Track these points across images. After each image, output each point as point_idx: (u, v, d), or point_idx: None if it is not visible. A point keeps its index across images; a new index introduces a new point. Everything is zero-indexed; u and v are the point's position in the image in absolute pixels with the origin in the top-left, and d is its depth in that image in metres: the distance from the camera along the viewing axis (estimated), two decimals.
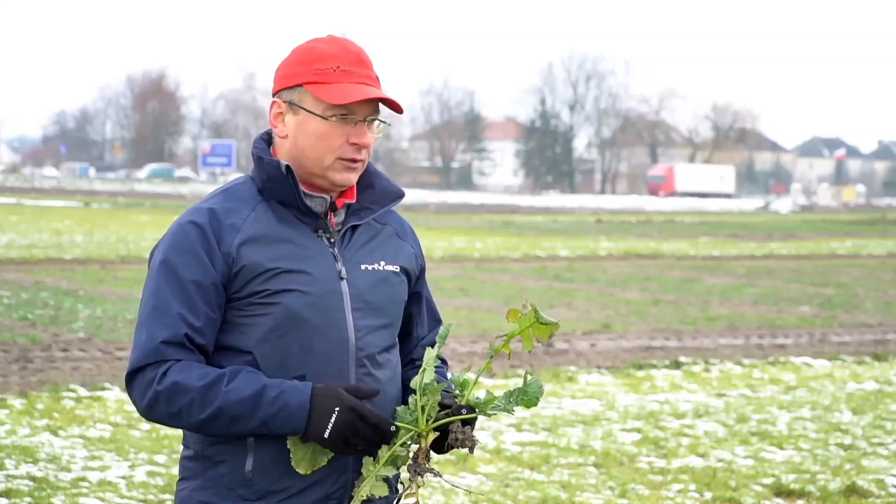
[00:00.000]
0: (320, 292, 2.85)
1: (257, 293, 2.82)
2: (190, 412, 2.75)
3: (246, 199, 2.89)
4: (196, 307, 2.80)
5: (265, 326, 2.82)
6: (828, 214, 67.92)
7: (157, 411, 2.78)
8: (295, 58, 2.91)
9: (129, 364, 2.81)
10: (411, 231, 3.09)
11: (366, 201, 2.96)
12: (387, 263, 2.96)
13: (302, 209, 2.88)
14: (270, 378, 2.78)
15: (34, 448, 8.36)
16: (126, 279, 20.07)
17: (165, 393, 2.75)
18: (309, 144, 2.87)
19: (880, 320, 17.83)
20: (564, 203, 76.87)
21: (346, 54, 2.88)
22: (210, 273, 2.81)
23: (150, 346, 2.78)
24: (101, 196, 63.67)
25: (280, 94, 2.91)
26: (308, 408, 2.73)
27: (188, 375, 2.75)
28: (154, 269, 2.85)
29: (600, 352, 14.02)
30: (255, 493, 2.83)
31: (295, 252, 2.85)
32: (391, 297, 2.96)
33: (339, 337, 2.86)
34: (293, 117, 2.89)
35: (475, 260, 27.28)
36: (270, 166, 2.87)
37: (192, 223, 2.84)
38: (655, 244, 34.85)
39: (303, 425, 2.74)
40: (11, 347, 12.56)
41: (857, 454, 9.09)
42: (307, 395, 2.74)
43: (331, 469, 2.84)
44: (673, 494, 7.80)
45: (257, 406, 2.73)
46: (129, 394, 2.82)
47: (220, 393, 2.73)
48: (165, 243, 2.85)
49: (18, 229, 32.49)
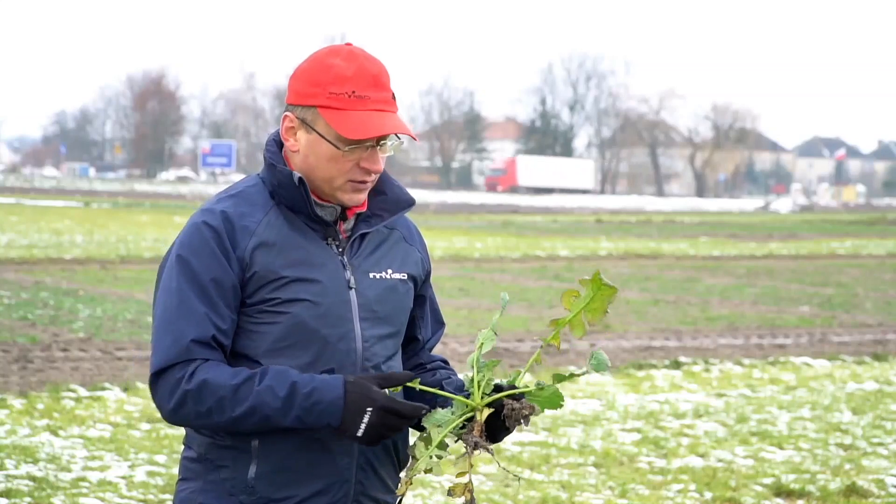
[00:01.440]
0: (329, 302, 2.83)
1: (268, 301, 2.81)
2: (221, 410, 2.72)
3: (259, 203, 2.86)
4: (219, 309, 2.78)
5: (273, 335, 2.81)
6: (828, 214, 67.91)
7: (185, 411, 2.75)
8: (310, 75, 2.84)
9: (155, 364, 2.76)
10: (418, 235, 3.07)
11: (376, 208, 2.94)
12: (394, 271, 2.95)
13: (313, 217, 2.87)
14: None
15: (34, 448, 8.36)
16: (126, 279, 20.06)
17: (195, 391, 2.72)
18: (320, 165, 2.84)
19: (880, 320, 17.83)
20: (564, 203, 76.86)
21: (363, 75, 2.82)
22: (230, 275, 2.79)
23: (179, 346, 2.75)
24: (101, 196, 63.66)
25: (293, 109, 2.86)
26: (342, 403, 2.72)
27: (218, 373, 2.73)
28: (172, 270, 2.81)
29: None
30: (257, 500, 2.82)
31: (306, 260, 2.84)
32: (398, 306, 2.95)
33: (348, 348, 2.85)
34: (305, 135, 2.85)
35: (475, 260, 27.27)
36: (283, 175, 2.85)
37: (207, 225, 2.81)
38: (655, 244, 34.85)
39: (338, 420, 2.72)
40: (11, 347, 12.56)
41: (857, 454, 9.09)
42: (340, 390, 2.72)
43: (334, 478, 2.84)
44: (673, 494, 7.80)
45: (290, 403, 2.71)
46: (154, 394, 2.78)
47: (253, 391, 2.72)
48: (182, 244, 2.82)
49: (18, 229, 32.48)
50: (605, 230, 43.63)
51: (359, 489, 2.87)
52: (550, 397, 2.81)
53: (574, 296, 2.82)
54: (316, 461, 2.82)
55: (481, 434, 2.77)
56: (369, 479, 2.88)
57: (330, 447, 2.82)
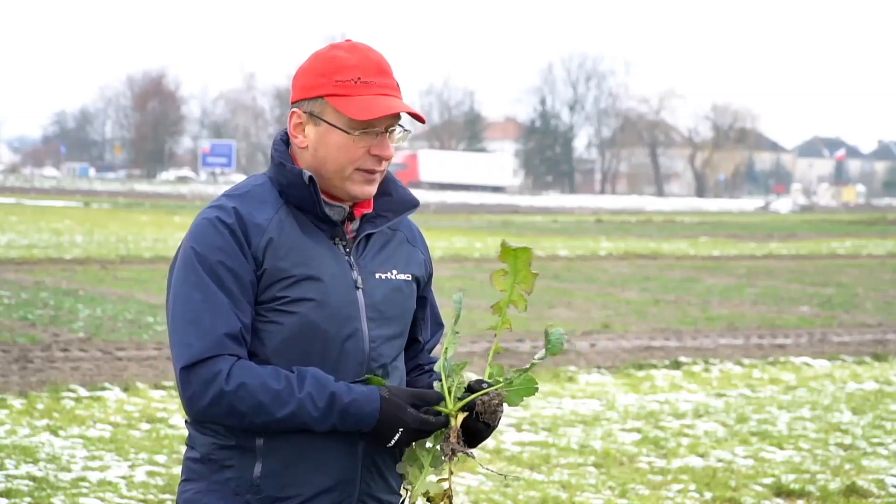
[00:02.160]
0: (337, 302, 2.84)
1: (277, 299, 2.81)
2: (257, 413, 2.74)
3: (269, 202, 2.86)
4: (241, 304, 2.79)
5: (282, 334, 2.81)
6: (828, 214, 67.92)
7: (219, 409, 2.74)
8: (315, 68, 2.87)
9: (185, 357, 2.74)
10: (421, 236, 3.09)
11: (381, 209, 2.95)
12: (399, 272, 2.97)
13: (321, 216, 2.88)
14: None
15: (34, 448, 8.36)
16: (126, 279, 20.06)
17: (233, 393, 2.72)
18: (330, 156, 2.85)
19: (880, 320, 17.83)
20: (564, 203, 76.87)
21: (367, 63, 2.85)
22: (247, 270, 2.80)
23: (210, 339, 2.73)
24: (101, 196, 63.67)
25: (300, 105, 2.87)
26: (377, 418, 2.78)
27: (255, 376, 2.74)
28: (189, 264, 2.79)
29: (600, 352, 14.02)
30: (263, 499, 2.82)
31: (314, 259, 2.84)
32: (403, 306, 2.97)
33: (355, 347, 2.86)
34: (314, 128, 2.86)
35: (475, 260, 27.29)
36: (293, 174, 2.85)
37: (221, 221, 2.80)
38: (655, 244, 34.85)
39: (370, 429, 2.79)
40: (11, 347, 12.56)
41: (857, 454, 9.09)
42: (377, 403, 2.78)
43: (339, 478, 2.84)
44: (673, 494, 7.80)
45: (329, 413, 2.76)
46: (186, 388, 2.75)
47: (294, 398, 2.74)
48: (197, 240, 2.80)
49: (18, 229, 32.48)
50: (605, 230, 43.65)
51: (364, 489, 2.88)
52: (525, 385, 2.84)
53: (501, 275, 2.86)
54: (321, 460, 2.82)
55: (458, 439, 2.80)
56: (374, 479, 2.89)
57: (335, 447, 2.82)
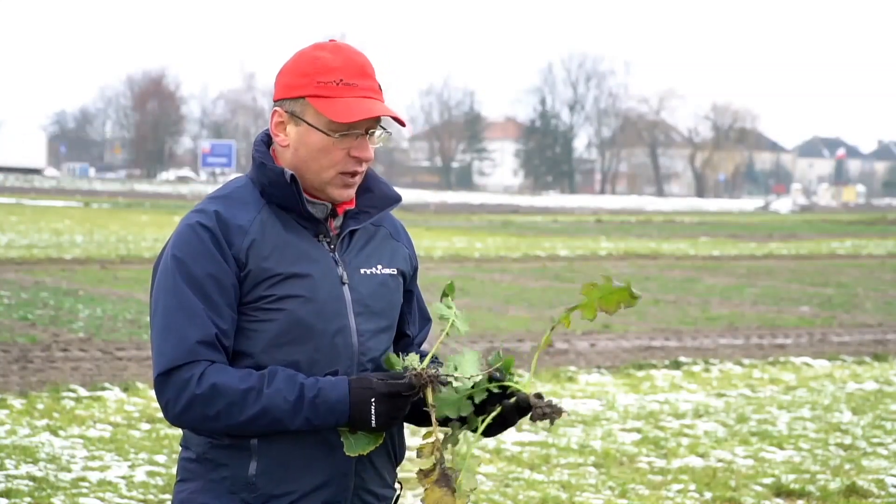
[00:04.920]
0: (324, 298, 2.85)
1: (263, 298, 2.82)
2: (230, 414, 2.75)
3: (250, 203, 2.88)
4: (220, 309, 2.80)
5: (271, 333, 2.82)
6: (828, 214, 67.94)
7: (193, 414, 2.76)
8: (297, 67, 2.88)
9: (160, 365, 2.78)
10: (404, 231, 3.11)
11: (364, 205, 2.97)
12: (384, 267, 2.98)
13: (304, 215, 2.89)
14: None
15: (34, 448, 8.36)
16: (126, 279, 20.07)
17: (204, 396, 2.74)
18: (311, 157, 2.87)
19: (880, 320, 17.83)
20: (564, 203, 76.90)
21: (350, 65, 2.86)
22: (228, 274, 2.81)
23: (184, 347, 2.76)
24: (101, 196, 63.71)
25: (282, 104, 2.89)
26: (347, 401, 2.77)
27: (227, 378, 2.75)
28: (168, 271, 2.82)
29: (600, 352, 14.02)
30: (259, 497, 2.83)
31: (299, 257, 2.86)
32: (390, 300, 2.98)
33: (344, 342, 2.87)
34: (295, 128, 2.88)
35: (475, 260, 27.29)
36: (274, 173, 2.87)
37: (201, 225, 2.82)
38: (655, 244, 34.86)
39: (345, 418, 2.77)
40: (11, 347, 12.56)
41: (857, 454, 9.09)
42: (345, 389, 2.77)
43: (334, 473, 2.85)
44: (673, 494, 7.80)
45: (300, 406, 2.75)
46: (160, 396, 2.79)
47: (263, 395, 2.75)
48: (178, 245, 2.83)
49: (18, 229, 32.49)
50: (605, 230, 43.66)
51: (359, 483, 2.88)
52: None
53: (595, 286, 2.87)
54: (315, 456, 2.83)
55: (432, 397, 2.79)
56: (368, 473, 2.90)
57: (329, 442, 2.83)
